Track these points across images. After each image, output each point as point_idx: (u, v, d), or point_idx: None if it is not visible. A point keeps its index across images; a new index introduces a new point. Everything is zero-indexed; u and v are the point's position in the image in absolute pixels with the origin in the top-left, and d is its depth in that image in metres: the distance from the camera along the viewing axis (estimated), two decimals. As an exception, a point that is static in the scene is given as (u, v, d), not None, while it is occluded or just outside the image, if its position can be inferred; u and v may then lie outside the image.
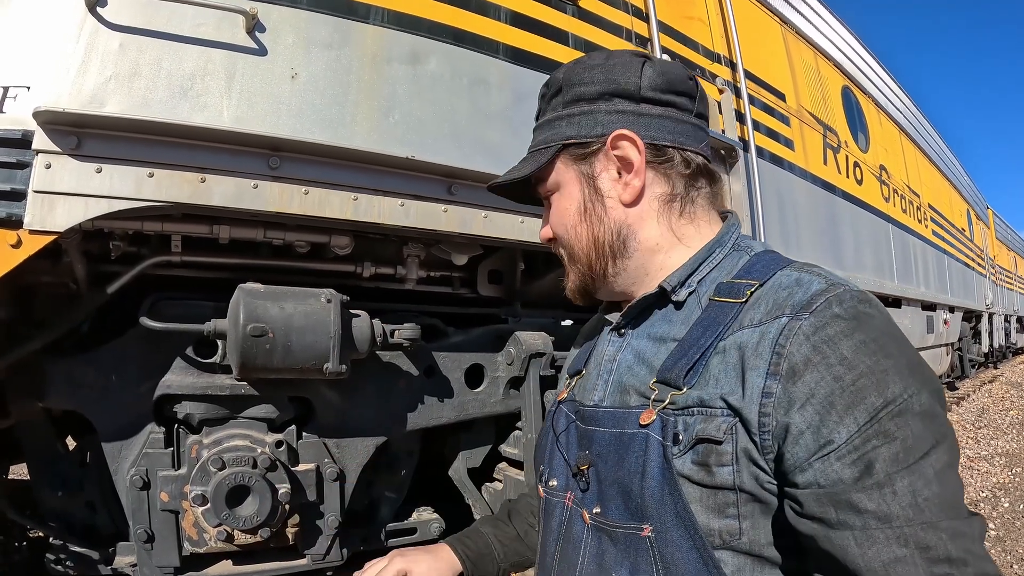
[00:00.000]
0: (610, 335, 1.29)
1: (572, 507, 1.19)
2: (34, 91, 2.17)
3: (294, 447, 2.81)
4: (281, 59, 2.49)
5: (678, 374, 1.05)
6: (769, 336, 0.96)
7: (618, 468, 1.07)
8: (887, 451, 0.87)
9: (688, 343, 1.07)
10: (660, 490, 1.00)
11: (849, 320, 0.94)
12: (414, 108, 2.75)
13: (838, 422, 0.89)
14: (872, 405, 0.88)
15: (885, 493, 0.85)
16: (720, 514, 0.98)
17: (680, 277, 1.16)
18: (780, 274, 1.06)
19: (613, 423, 1.13)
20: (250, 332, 2.40)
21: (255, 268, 2.89)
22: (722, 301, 1.08)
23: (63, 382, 2.59)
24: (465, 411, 3.30)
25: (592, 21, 3.49)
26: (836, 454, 0.89)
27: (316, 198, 2.49)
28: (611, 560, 1.07)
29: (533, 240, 3.02)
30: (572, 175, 1.22)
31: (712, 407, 0.99)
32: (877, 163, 7.04)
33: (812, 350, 0.92)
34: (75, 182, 2.16)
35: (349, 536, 3.03)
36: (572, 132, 1.19)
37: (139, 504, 2.59)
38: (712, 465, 0.97)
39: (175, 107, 2.30)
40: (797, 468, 0.92)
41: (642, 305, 1.21)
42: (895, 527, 0.85)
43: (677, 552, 0.99)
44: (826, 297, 0.96)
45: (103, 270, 2.66)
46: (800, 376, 0.92)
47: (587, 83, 1.18)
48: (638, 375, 1.15)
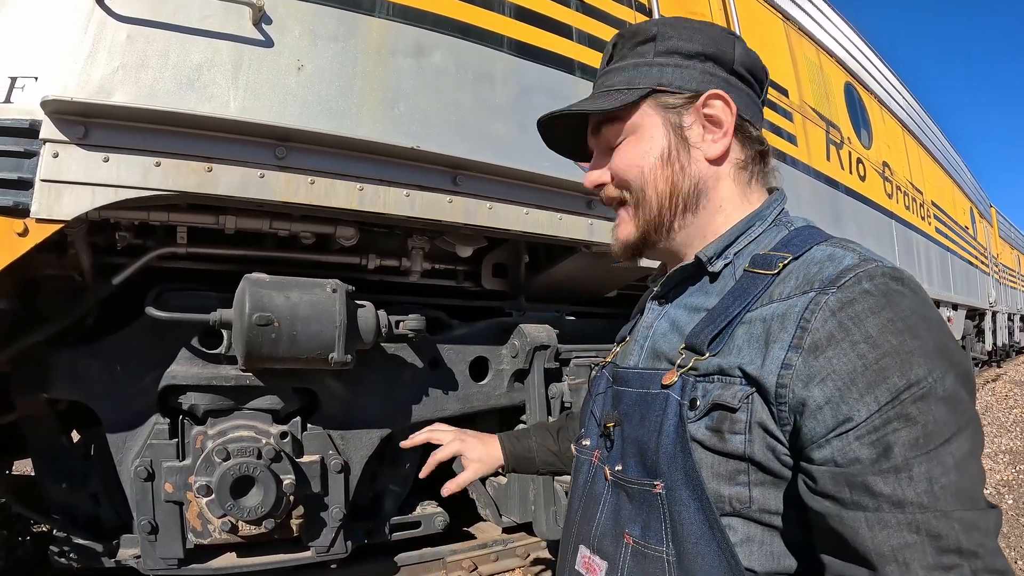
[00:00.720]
0: (651, 303, 1.31)
1: (597, 464, 1.22)
2: (42, 81, 2.18)
3: (299, 438, 2.81)
4: (287, 51, 2.50)
5: (703, 340, 1.05)
6: (795, 310, 0.95)
7: (640, 426, 1.10)
8: (907, 435, 0.85)
9: (717, 312, 1.08)
10: (673, 447, 1.02)
11: (878, 297, 0.91)
12: (419, 100, 2.75)
13: (858, 399, 0.87)
14: (894, 386, 0.86)
15: (901, 478, 0.84)
16: (730, 481, 0.99)
17: (717, 248, 1.16)
18: (815, 248, 1.05)
19: (640, 383, 1.16)
20: (256, 321, 2.40)
21: (260, 260, 2.90)
22: (755, 272, 1.08)
23: (67, 373, 2.60)
24: (470, 404, 3.31)
25: (596, 16, 3.50)
26: (855, 432, 0.87)
27: (322, 188, 2.50)
28: (626, 516, 1.10)
29: (537, 231, 3.02)
30: (658, 120, 1.20)
31: (731, 375, 1.00)
32: (880, 159, 7.04)
33: (837, 326, 0.91)
34: (82, 171, 2.17)
35: (353, 529, 3.03)
36: (666, 80, 1.19)
37: (143, 495, 2.60)
38: (725, 432, 0.98)
39: (182, 98, 2.31)
40: (814, 443, 0.91)
41: (680, 275, 1.22)
42: (908, 513, 0.83)
43: (685, 512, 1.00)
44: (856, 273, 0.94)
45: (108, 262, 2.67)
46: (822, 351, 0.91)
47: (687, 39, 1.20)
48: (670, 342, 1.17)
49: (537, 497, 3.37)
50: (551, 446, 1.82)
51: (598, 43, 3.44)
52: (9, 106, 2.15)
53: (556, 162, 3.02)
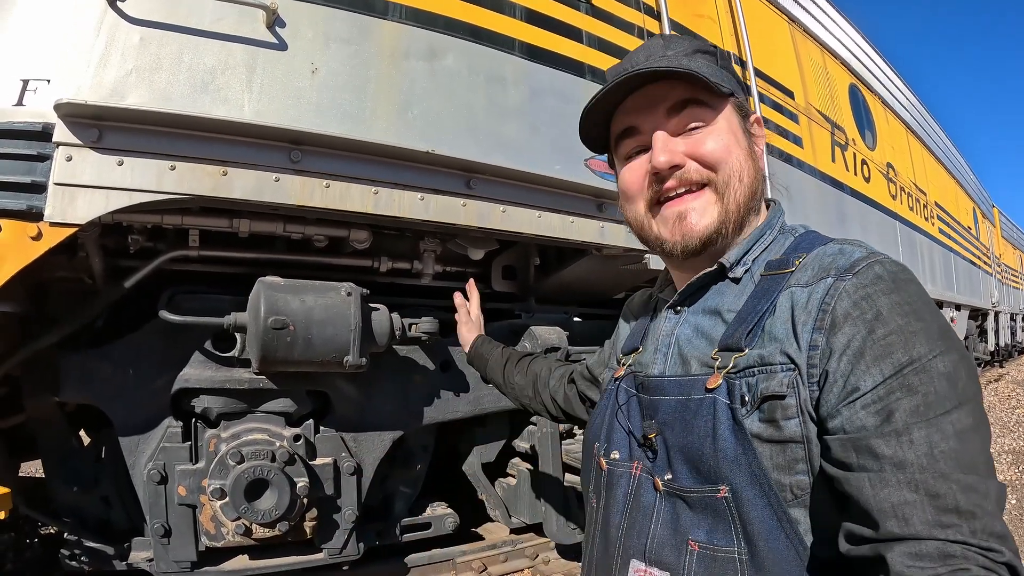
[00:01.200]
0: (666, 312, 1.32)
1: (641, 475, 1.21)
2: (54, 84, 2.18)
3: (312, 441, 2.82)
4: (301, 54, 2.50)
5: (739, 337, 1.10)
6: (816, 295, 1.03)
7: (686, 434, 1.10)
8: (908, 403, 0.90)
9: (746, 311, 1.13)
10: (734, 451, 1.03)
11: (888, 281, 0.99)
12: (432, 103, 2.75)
13: (865, 371, 0.94)
14: (898, 360, 0.92)
15: (902, 441, 0.89)
16: (790, 470, 1.01)
17: (737, 255, 1.21)
18: (824, 246, 1.12)
19: (678, 391, 1.16)
20: (271, 325, 2.40)
21: (272, 262, 2.90)
22: (773, 274, 1.14)
23: (79, 376, 2.60)
24: (480, 405, 3.30)
25: (605, 19, 3.50)
26: (861, 402, 0.93)
27: (337, 191, 2.49)
28: (687, 523, 1.09)
29: (550, 234, 3.02)
30: (736, 122, 1.24)
31: (771, 363, 1.04)
32: (884, 161, 7.04)
33: (852, 305, 0.98)
34: (96, 175, 2.16)
35: (365, 530, 3.03)
36: (737, 92, 1.25)
37: (156, 499, 2.60)
38: (779, 420, 1.01)
39: (196, 101, 2.31)
40: (828, 415, 0.97)
41: (701, 282, 1.24)
42: (908, 473, 0.88)
43: (753, 511, 1.01)
44: (868, 261, 1.02)
45: (120, 265, 2.67)
46: (840, 328, 0.98)
47: (727, 63, 1.27)
48: (698, 347, 1.19)
49: (548, 498, 3.36)
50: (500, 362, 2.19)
51: (607, 46, 3.44)
52: (21, 109, 2.15)
53: (567, 165, 3.06)
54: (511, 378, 2.13)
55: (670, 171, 1.19)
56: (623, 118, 1.27)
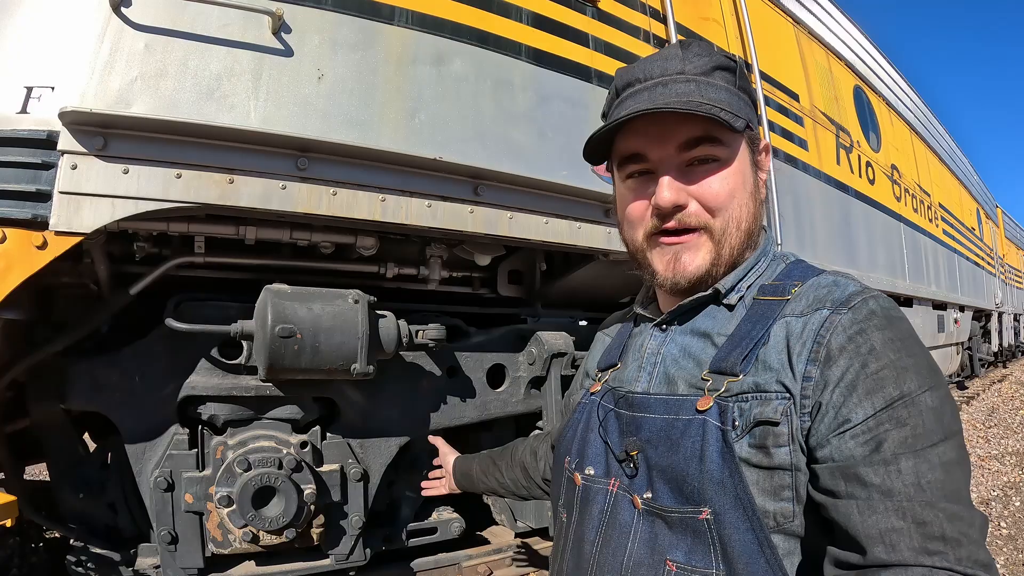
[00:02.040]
0: (652, 330, 1.33)
1: (618, 492, 1.19)
2: (59, 92, 2.16)
3: (319, 448, 2.81)
4: (307, 60, 2.48)
5: (734, 362, 1.10)
6: (812, 326, 1.05)
7: (672, 453, 1.10)
8: (897, 434, 0.94)
9: (739, 336, 1.14)
10: (720, 473, 1.03)
11: (881, 318, 1.03)
12: (440, 109, 2.74)
13: (857, 404, 0.97)
14: (889, 395, 0.96)
15: (890, 470, 0.92)
16: (775, 497, 1.03)
17: (733, 282, 1.22)
18: (818, 277, 1.16)
19: (664, 410, 1.16)
20: (279, 333, 2.39)
21: (278, 269, 2.89)
22: (768, 299, 1.16)
23: (85, 384, 2.59)
24: (487, 411, 3.29)
25: (611, 23, 3.48)
26: (851, 432, 0.96)
27: (344, 199, 2.48)
28: (665, 543, 1.09)
29: (557, 240, 3.01)
30: (747, 158, 1.23)
31: (767, 390, 1.05)
32: (889, 162, 7.03)
33: (847, 339, 1.01)
34: (102, 183, 2.15)
35: (371, 536, 3.03)
36: (752, 121, 1.22)
37: (163, 506, 2.59)
38: (770, 447, 1.03)
39: (202, 108, 2.29)
40: (818, 444, 1.00)
41: (692, 304, 1.25)
42: (895, 501, 0.91)
43: (735, 534, 1.01)
44: (863, 296, 1.06)
45: (125, 271, 2.65)
46: (835, 361, 1.00)
47: (745, 79, 1.24)
48: (685, 368, 1.20)
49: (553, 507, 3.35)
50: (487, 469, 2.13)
51: (614, 51, 3.43)
52: (26, 117, 2.13)
53: (574, 171, 3.05)
54: (502, 479, 2.06)
55: (673, 210, 1.18)
56: (631, 141, 1.21)
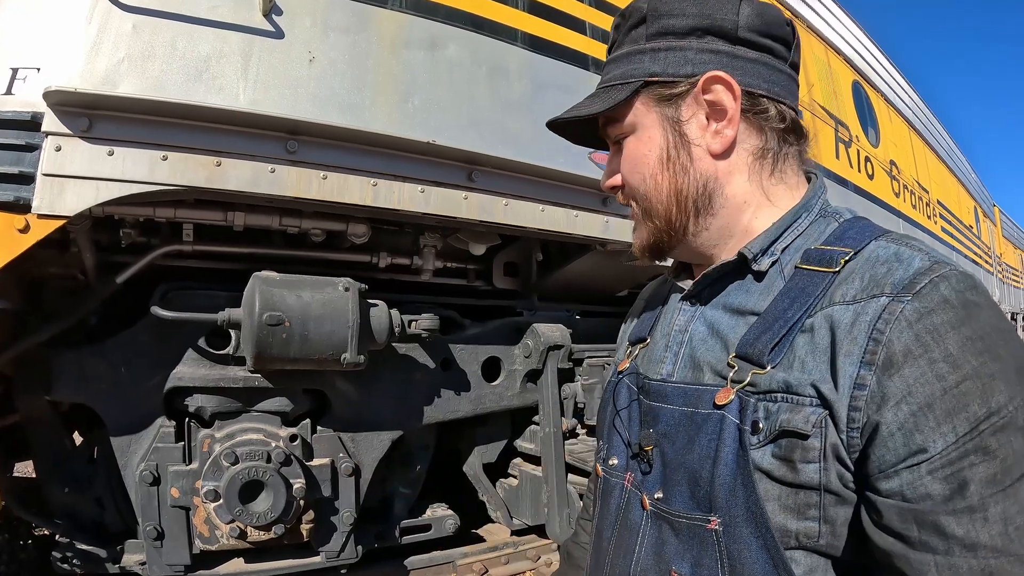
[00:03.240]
0: (681, 303, 1.15)
1: (631, 489, 1.08)
2: (44, 73, 2.10)
3: (308, 441, 2.74)
4: (298, 42, 2.42)
5: (761, 350, 0.92)
6: (865, 318, 0.84)
7: (686, 451, 0.96)
8: (984, 471, 0.76)
9: (772, 316, 0.94)
10: (732, 480, 0.90)
11: (957, 309, 0.81)
12: (433, 94, 2.68)
13: (934, 429, 0.78)
14: (974, 415, 0.77)
15: (976, 519, 0.76)
16: (799, 515, 0.88)
17: (763, 244, 1.02)
18: (876, 244, 0.92)
19: (683, 401, 1.01)
20: (266, 321, 2.33)
21: (268, 258, 2.82)
22: (811, 270, 0.95)
23: (71, 375, 2.52)
24: (482, 405, 3.24)
25: (608, 10, 3.43)
26: (928, 465, 0.78)
27: (335, 183, 2.42)
28: (671, 552, 0.97)
29: (554, 229, 2.95)
30: (653, 118, 1.05)
31: (800, 394, 0.88)
32: (887, 158, 6.98)
33: (914, 340, 0.80)
34: (86, 165, 2.09)
35: (363, 533, 2.96)
36: (657, 69, 1.03)
37: (149, 500, 2.52)
38: (797, 461, 0.86)
39: (190, 90, 2.23)
40: (882, 473, 0.81)
41: (718, 273, 1.07)
42: (980, 558, 0.76)
43: (745, 550, 0.88)
44: (931, 277, 0.83)
45: (112, 260, 2.59)
46: (898, 369, 0.80)
47: (677, 15, 1.03)
48: (712, 349, 1.03)
49: (551, 499, 3.30)
50: None
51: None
52: (10, 98, 2.08)
53: (571, 158, 2.99)
54: None
55: (612, 192, 1.18)
56: None
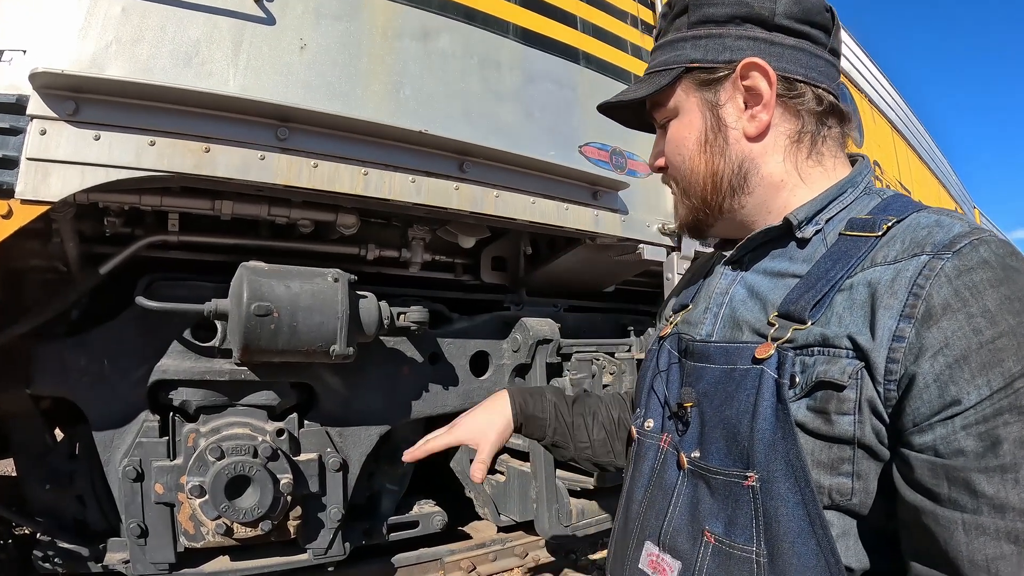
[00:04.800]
0: (723, 268, 1.19)
1: (668, 450, 1.10)
2: (31, 55, 2.04)
3: (296, 436, 2.70)
4: (290, 29, 2.38)
5: (804, 306, 0.95)
6: (906, 274, 0.86)
7: (726, 407, 0.98)
8: (1018, 430, 0.77)
9: (815, 276, 0.97)
10: (772, 433, 0.90)
11: (996, 269, 0.83)
12: (425, 84, 2.66)
13: (969, 380, 0.79)
14: (1009, 371, 0.78)
15: (1007, 479, 0.76)
16: (832, 471, 0.88)
17: (808, 212, 1.06)
18: (918, 214, 0.95)
19: (724, 358, 1.03)
20: (254, 311, 2.29)
21: (255, 249, 2.77)
22: (855, 235, 0.98)
23: (52, 367, 2.46)
24: (470, 399, 3.20)
25: (599, 6, 3.42)
26: (962, 419, 0.79)
27: (325, 172, 2.38)
28: (705, 511, 0.98)
29: (544, 221, 2.93)
30: (694, 102, 1.12)
31: (836, 346, 0.89)
32: (871, 159, 7.04)
33: (953, 294, 0.82)
34: (72, 150, 2.03)
35: (351, 530, 2.92)
36: (697, 55, 1.10)
37: (132, 497, 2.46)
38: (832, 413, 0.87)
39: (179, 75, 2.18)
40: (916, 426, 0.82)
41: (763, 238, 1.11)
42: (1008, 520, 0.76)
43: (782, 507, 0.88)
44: (971, 239, 0.85)
45: (96, 251, 2.54)
46: (936, 321, 0.81)
47: (717, 4, 1.09)
48: (752, 310, 1.06)
49: (539, 495, 3.27)
50: (565, 415, 1.60)
51: (602, 33, 3.37)
52: (-6, 80, 2.02)
53: (561, 150, 2.99)
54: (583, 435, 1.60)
55: (658, 172, 1.26)
56: None
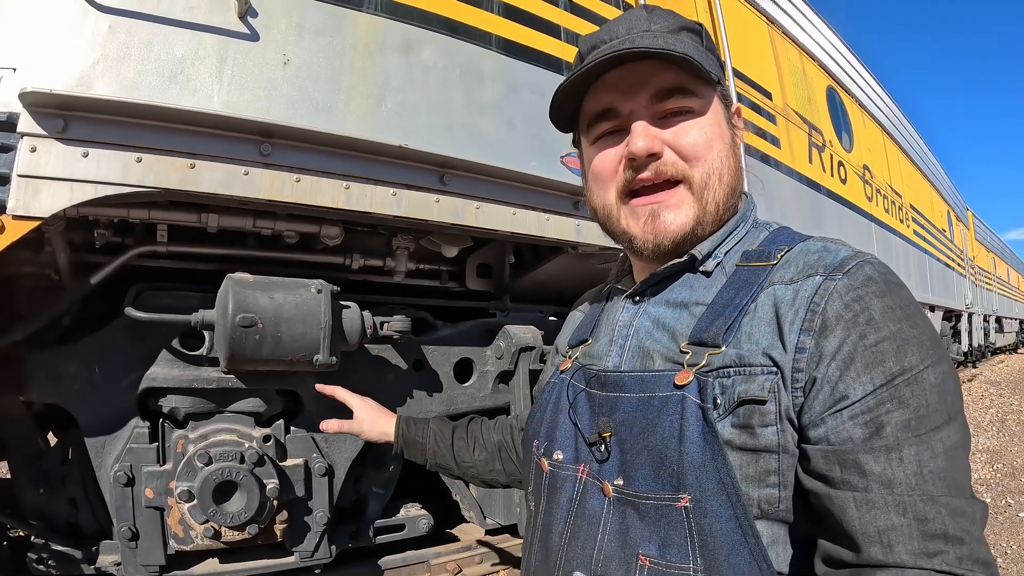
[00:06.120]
0: (624, 302, 1.23)
1: (587, 480, 1.10)
2: (20, 73, 2.10)
3: (282, 442, 2.76)
4: (273, 45, 2.44)
5: (716, 332, 1.01)
6: (804, 293, 0.96)
7: (648, 434, 1.00)
8: (899, 416, 0.86)
9: (721, 303, 1.04)
10: (702, 455, 0.94)
11: (880, 284, 0.94)
12: (407, 97, 2.71)
13: (855, 379, 0.88)
14: (889, 369, 0.88)
15: (892, 458, 0.85)
16: (760, 483, 0.94)
17: (710, 247, 1.13)
18: (804, 243, 1.06)
19: (640, 387, 1.06)
20: (239, 323, 2.35)
21: (242, 259, 2.83)
22: (752, 265, 1.07)
23: (44, 375, 2.52)
24: (454, 405, 3.26)
25: (584, 15, 3.47)
26: (849, 411, 0.88)
27: (308, 186, 2.44)
28: (637, 535, 0.99)
29: (525, 232, 2.99)
30: (720, 112, 1.16)
31: (752, 364, 0.96)
32: (861, 163, 7.09)
33: (844, 307, 0.92)
34: (61, 166, 2.10)
35: (337, 533, 2.98)
36: (722, 80, 1.18)
37: (123, 501, 2.53)
38: (756, 426, 0.94)
39: (165, 91, 2.24)
40: (811, 423, 0.91)
41: (668, 272, 1.15)
42: (896, 494, 0.84)
43: (716, 523, 0.92)
44: (857, 261, 0.96)
45: (87, 260, 2.60)
46: (831, 331, 0.91)
47: (711, 41, 1.18)
48: (660, 340, 1.10)
49: (523, 499, 3.32)
50: (446, 440, 1.74)
51: (586, 43, 3.41)
52: (-15, 99, 2.08)
53: (543, 161, 3.04)
54: (467, 458, 1.73)
55: (647, 159, 1.09)
56: (601, 96, 1.14)
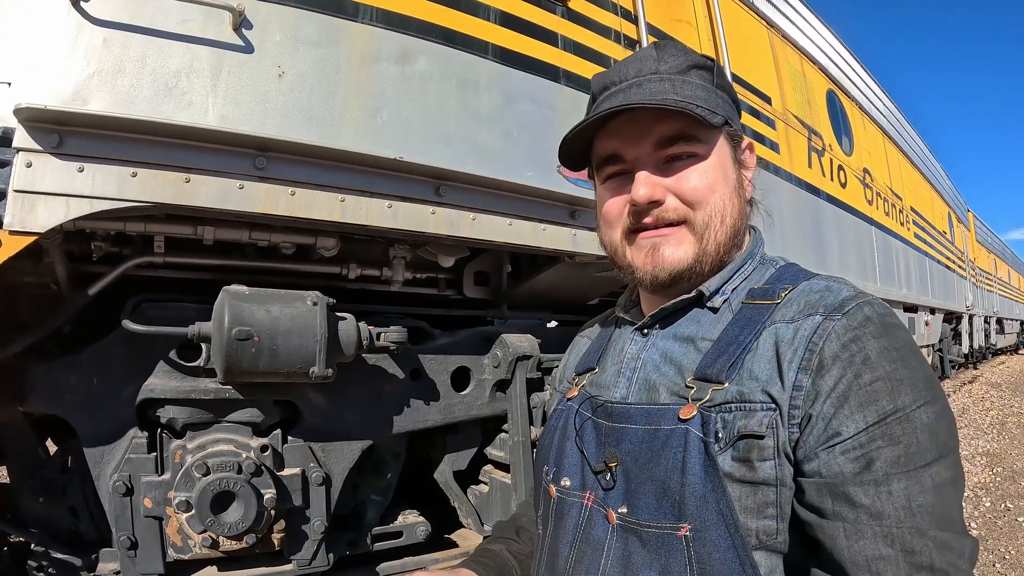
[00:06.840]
0: (632, 334, 1.29)
1: (593, 507, 1.15)
2: (15, 88, 2.11)
3: (279, 451, 2.76)
4: (268, 57, 2.45)
5: (720, 369, 1.06)
6: (803, 332, 1.01)
7: (653, 465, 1.05)
8: (889, 453, 0.90)
9: (726, 341, 1.09)
10: (702, 487, 0.99)
11: (878, 325, 0.99)
12: (403, 108, 2.72)
13: (848, 416, 0.93)
14: (882, 408, 0.92)
15: (881, 491, 0.89)
16: (759, 514, 0.98)
17: (718, 284, 1.19)
18: (809, 281, 1.12)
19: (646, 419, 1.11)
20: (235, 336, 2.36)
21: (239, 269, 2.84)
22: (757, 303, 1.12)
23: (44, 386, 2.53)
24: (451, 414, 3.27)
25: (581, 22, 3.47)
26: (841, 447, 0.92)
27: (303, 199, 2.45)
28: (639, 562, 1.04)
29: (521, 242, 2.99)
30: (727, 153, 1.21)
31: (752, 401, 1.01)
32: (861, 166, 7.09)
33: (841, 347, 0.96)
34: (57, 181, 2.10)
35: (335, 540, 2.99)
36: (732, 116, 1.21)
37: (122, 510, 2.54)
38: (754, 460, 0.98)
39: (160, 105, 2.25)
40: (806, 457, 0.96)
41: (676, 307, 1.22)
42: (884, 526, 0.88)
43: (715, 552, 0.97)
44: (857, 302, 1.01)
45: (85, 271, 2.61)
46: (828, 371, 0.96)
47: (725, 79, 1.23)
48: (666, 374, 1.15)
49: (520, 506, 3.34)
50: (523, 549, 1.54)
51: (583, 50, 3.41)
52: (-20, 114, 2.09)
53: (540, 171, 3.04)
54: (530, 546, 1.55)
55: (649, 206, 1.16)
56: (607, 142, 1.22)
